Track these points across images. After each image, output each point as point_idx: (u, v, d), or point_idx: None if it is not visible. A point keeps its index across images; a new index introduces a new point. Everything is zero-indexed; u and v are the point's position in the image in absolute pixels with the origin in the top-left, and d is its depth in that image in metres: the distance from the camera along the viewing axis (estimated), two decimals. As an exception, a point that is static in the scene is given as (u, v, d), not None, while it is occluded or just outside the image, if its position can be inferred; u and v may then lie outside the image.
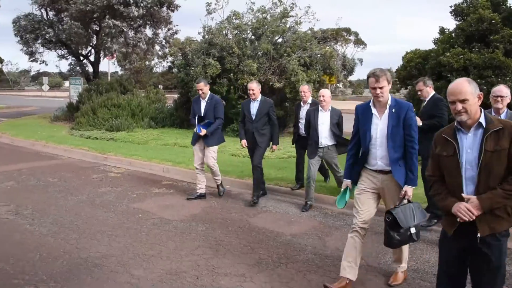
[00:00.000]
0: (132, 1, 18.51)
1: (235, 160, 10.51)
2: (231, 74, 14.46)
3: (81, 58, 23.70)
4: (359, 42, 62.44)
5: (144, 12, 19.26)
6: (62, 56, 23.27)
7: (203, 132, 7.03)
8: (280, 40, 15.58)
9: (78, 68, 23.95)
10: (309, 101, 7.54)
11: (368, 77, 3.90)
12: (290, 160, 10.12)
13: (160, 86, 40.51)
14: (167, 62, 22.29)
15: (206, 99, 7.21)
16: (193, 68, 14.94)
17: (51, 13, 21.96)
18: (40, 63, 23.52)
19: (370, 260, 4.91)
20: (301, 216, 6.59)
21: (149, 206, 6.91)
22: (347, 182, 4.30)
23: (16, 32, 21.64)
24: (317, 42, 15.78)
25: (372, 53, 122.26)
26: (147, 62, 23.88)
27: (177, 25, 22.19)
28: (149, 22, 21.15)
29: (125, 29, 20.08)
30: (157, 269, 4.57)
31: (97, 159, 11.10)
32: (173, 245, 5.27)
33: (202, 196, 7.38)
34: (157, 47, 23.57)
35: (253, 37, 15.66)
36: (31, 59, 22.88)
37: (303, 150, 7.54)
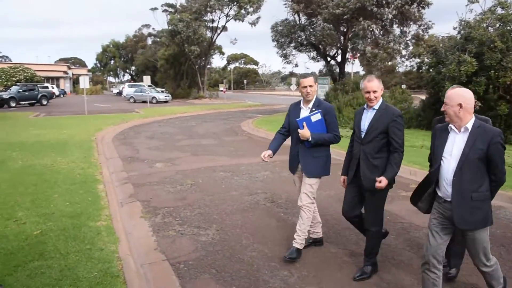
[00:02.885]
0: (384, 2, 18.40)
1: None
2: (491, 71, 12.89)
3: (328, 59, 24.86)
4: None
5: (395, 12, 19.00)
6: (313, 58, 24.86)
7: (306, 132, 4.65)
8: None
9: (326, 68, 25.24)
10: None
11: None
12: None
13: (404, 86, 39.37)
14: (411, 61, 21.41)
15: (311, 105, 4.78)
16: (445, 66, 13.89)
17: (303, 18, 23.71)
18: (293, 66, 25.72)
19: None
20: None
21: (397, 209, 6.65)
22: None
23: (273, 37, 24.14)
24: None
25: None
26: (397, 61, 23.50)
27: (430, 21, 21.21)
28: (396, 20, 20.74)
29: (374, 29, 20.14)
30: (408, 278, 4.33)
31: (341, 157, 11.30)
32: (425, 254, 4.91)
33: (317, 242, 5.25)
34: (402, 46, 23.03)
35: (522, 28, 13.65)
36: (285, 61, 25.11)
37: None
